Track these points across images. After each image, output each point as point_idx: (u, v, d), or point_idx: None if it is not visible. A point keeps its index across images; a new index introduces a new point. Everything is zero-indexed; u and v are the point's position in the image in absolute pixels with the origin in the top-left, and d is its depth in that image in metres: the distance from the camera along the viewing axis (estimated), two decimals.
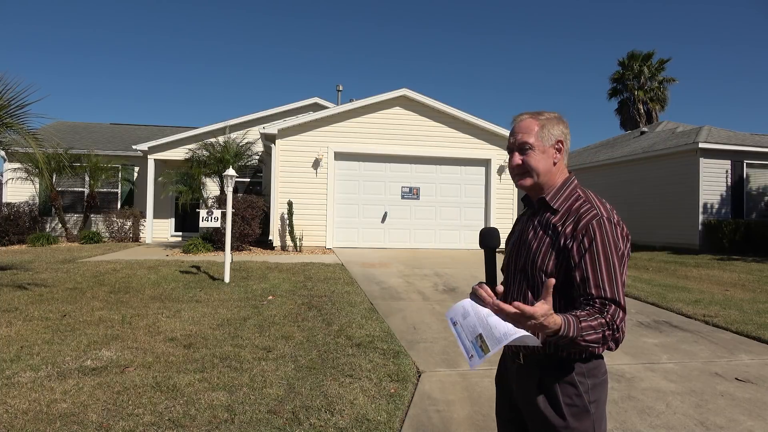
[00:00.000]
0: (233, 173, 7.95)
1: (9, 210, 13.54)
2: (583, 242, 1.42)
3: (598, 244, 1.41)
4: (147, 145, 14.15)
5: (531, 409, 1.52)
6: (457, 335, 1.43)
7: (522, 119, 1.59)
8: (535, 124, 1.56)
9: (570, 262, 1.44)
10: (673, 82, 30.66)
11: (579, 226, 1.44)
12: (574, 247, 1.43)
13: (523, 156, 1.55)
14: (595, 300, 1.39)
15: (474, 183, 12.99)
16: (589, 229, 1.43)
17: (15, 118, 7.11)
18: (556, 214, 1.52)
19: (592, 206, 1.47)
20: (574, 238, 1.44)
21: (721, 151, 13.68)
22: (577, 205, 1.50)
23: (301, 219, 12.01)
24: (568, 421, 1.46)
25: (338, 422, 3.03)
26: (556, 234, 1.48)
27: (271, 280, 7.76)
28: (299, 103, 15.36)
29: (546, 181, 1.56)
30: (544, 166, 1.55)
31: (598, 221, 1.43)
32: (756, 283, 8.43)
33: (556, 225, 1.49)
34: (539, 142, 1.54)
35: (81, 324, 5.12)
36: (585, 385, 1.48)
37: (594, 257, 1.41)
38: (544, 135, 1.55)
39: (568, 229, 1.46)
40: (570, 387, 1.47)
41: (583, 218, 1.45)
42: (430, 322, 5.48)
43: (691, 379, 3.89)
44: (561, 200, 1.53)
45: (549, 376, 1.49)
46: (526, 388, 1.53)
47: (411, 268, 9.26)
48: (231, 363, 4.02)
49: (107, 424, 2.95)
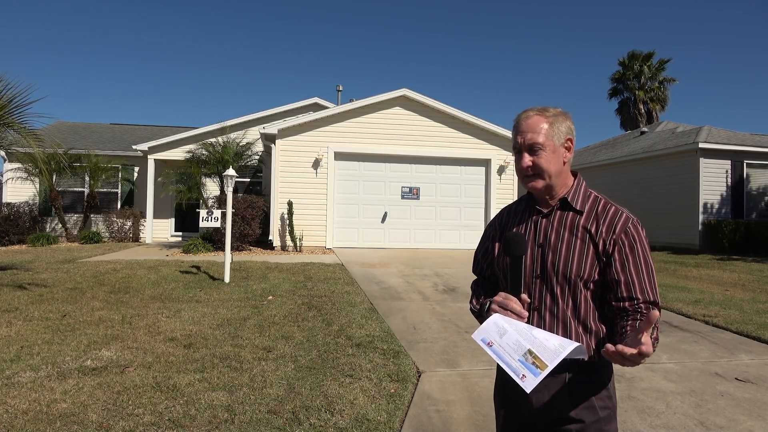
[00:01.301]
0: (233, 173, 7.94)
1: (9, 210, 13.55)
2: (624, 246, 1.39)
3: (639, 247, 1.39)
4: (147, 145, 14.15)
5: (559, 418, 1.43)
6: (497, 356, 1.30)
7: (529, 116, 1.46)
8: (544, 122, 1.44)
9: (611, 265, 1.40)
10: (673, 82, 30.69)
11: (617, 229, 1.40)
12: (615, 250, 1.39)
13: (534, 157, 1.44)
14: (641, 304, 1.38)
15: (474, 183, 12.99)
16: (628, 233, 1.40)
17: (15, 117, 7.12)
18: (580, 215, 1.46)
19: (618, 208, 1.44)
20: (614, 243, 1.39)
21: (721, 151, 13.68)
22: (602, 206, 1.45)
23: (301, 219, 12.01)
24: (601, 424, 1.42)
25: (338, 422, 3.03)
26: (589, 236, 1.42)
27: (271, 280, 7.76)
28: (299, 103, 15.36)
29: (557, 182, 1.48)
30: (555, 166, 1.45)
31: (633, 224, 1.41)
32: (756, 283, 8.42)
33: (587, 227, 1.43)
34: (550, 142, 1.44)
35: (81, 324, 5.12)
36: (611, 387, 1.46)
37: (638, 261, 1.38)
38: (554, 133, 1.45)
39: (603, 231, 1.41)
40: (603, 390, 1.44)
41: (618, 221, 1.41)
42: (430, 322, 5.48)
43: (691, 379, 3.89)
44: (581, 200, 1.48)
45: (579, 381, 1.42)
46: (550, 398, 1.43)
47: (411, 268, 9.26)
48: (231, 363, 4.02)
49: (107, 424, 2.95)
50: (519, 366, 1.26)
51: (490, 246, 1.64)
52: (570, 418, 1.42)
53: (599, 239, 1.41)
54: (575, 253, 1.42)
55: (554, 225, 1.47)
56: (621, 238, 1.39)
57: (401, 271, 8.90)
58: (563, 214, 1.48)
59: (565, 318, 1.43)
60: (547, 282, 1.45)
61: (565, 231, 1.45)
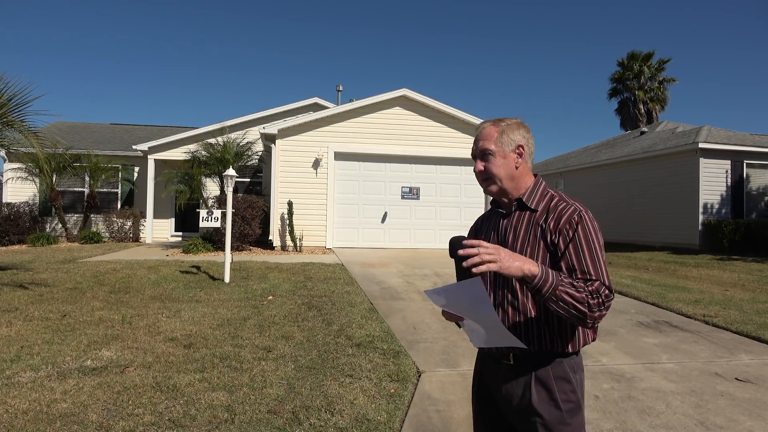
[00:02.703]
0: (233, 173, 7.94)
1: (9, 210, 13.55)
2: (568, 234, 1.47)
3: (581, 234, 1.46)
4: (147, 145, 14.15)
5: (524, 410, 1.50)
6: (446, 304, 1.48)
7: (483, 127, 1.63)
8: (495, 131, 1.59)
9: (557, 254, 1.48)
10: (673, 82, 30.71)
11: (562, 220, 1.49)
12: (560, 240, 1.47)
13: (485, 162, 1.59)
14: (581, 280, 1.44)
15: (474, 183, 12.94)
16: (572, 222, 1.48)
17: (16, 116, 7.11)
18: (535, 213, 1.55)
19: (568, 203, 1.53)
20: (560, 232, 1.48)
21: (721, 151, 13.68)
22: (555, 203, 1.54)
23: (301, 219, 12.01)
24: (565, 418, 1.47)
25: (338, 422, 3.03)
26: (541, 230, 1.51)
27: (271, 280, 7.76)
28: (299, 103, 15.37)
29: (512, 186, 1.59)
30: (505, 171, 1.58)
31: (579, 215, 1.49)
32: (756, 283, 8.42)
33: (539, 222, 1.53)
34: (499, 148, 1.58)
35: (81, 324, 5.12)
36: (576, 381, 1.51)
37: (578, 246, 1.46)
38: (504, 141, 1.58)
39: (551, 224, 1.50)
40: (565, 383, 1.49)
41: (565, 213, 1.50)
42: (430, 322, 5.48)
43: (691, 379, 3.89)
44: (537, 199, 1.57)
45: (543, 372, 1.49)
46: (517, 389, 1.52)
47: (411, 268, 9.26)
48: (231, 363, 4.02)
49: (107, 424, 2.95)
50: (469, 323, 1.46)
51: None
52: (534, 410, 1.48)
53: (547, 232, 1.50)
54: (528, 248, 1.52)
55: (513, 224, 1.58)
56: (565, 228, 1.47)
57: (401, 271, 8.90)
58: (521, 214, 1.58)
59: (526, 309, 1.51)
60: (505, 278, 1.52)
61: (521, 229, 1.56)
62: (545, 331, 1.49)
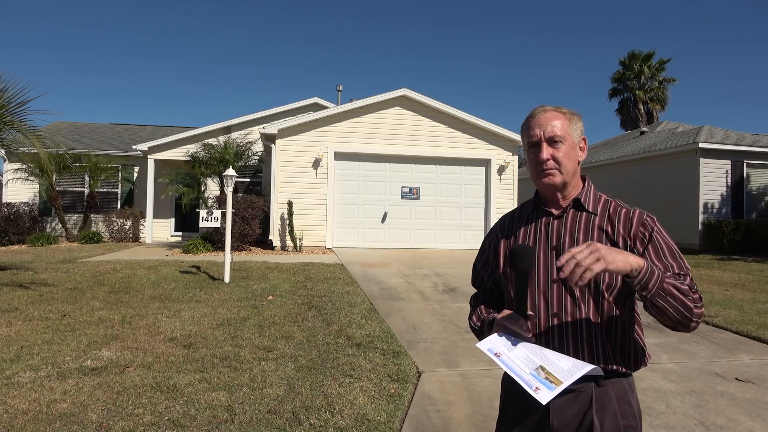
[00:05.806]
0: (233, 173, 7.94)
1: (9, 210, 13.55)
2: (645, 236, 1.34)
3: (658, 235, 1.34)
4: (147, 145, 14.15)
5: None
6: (507, 366, 1.23)
7: (546, 110, 1.40)
8: (561, 117, 1.39)
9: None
10: (673, 82, 30.71)
11: (634, 223, 1.35)
12: (637, 243, 1.34)
13: (554, 149, 1.37)
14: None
15: (474, 183, 12.98)
16: (646, 224, 1.35)
17: (16, 116, 7.10)
18: (594, 216, 1.40)
19: (630, 207, 1.41)
20: (635, 237, 1.34)
21: (721, 151, 13.68)
22: (614, 207, 1.40)
23: (301, 219, 12.00)
24: None
25: (338, 422, 3.03)
26: (607, 236, 1.36)
27: (271, 280, 7.76)
28: (299, 103, 15.37)
29: (573, 182, 1.41)
30: (572, 163, 1.39)
31: (650, 217, 1.37)
32: (756, 283, 8.42)
33: (602, 227, 1.38)
34: (569, 136, 1.38)
35: (81, 324, 5.11)
36: (635, 402, 1.37)
37: (658, 246, 1.32)
38: (572, 129, 1.39)
39: (621, 230, 1.35)
40: (627, 406, 1.34)
41: (634, 217, 1.36)
42: (430, 322, 5.48)
43: (691, 379, 3.89)
44: (592, 201, 1.42)
45: (603, 395, 1.33)
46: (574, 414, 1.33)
47: (411, 268, 9.26)
48: (231, 363, 4.02)
49: (107, 424, 2.94)
50: (531, 379, 1.18)
51: (491, 254, 1.55)
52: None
53: (618, 237, 1.35)
54: None
55: (567, 226, 1.40)
56: (640, 231, 1.34)
57: (401, 271, 8.90)
58: (577, 216, 1.41)
59: (589, 324, 1.34)
60: (566, 286, 1.35)
61: (579, 232, 1.38)
62: (608, 348, 1.33)
